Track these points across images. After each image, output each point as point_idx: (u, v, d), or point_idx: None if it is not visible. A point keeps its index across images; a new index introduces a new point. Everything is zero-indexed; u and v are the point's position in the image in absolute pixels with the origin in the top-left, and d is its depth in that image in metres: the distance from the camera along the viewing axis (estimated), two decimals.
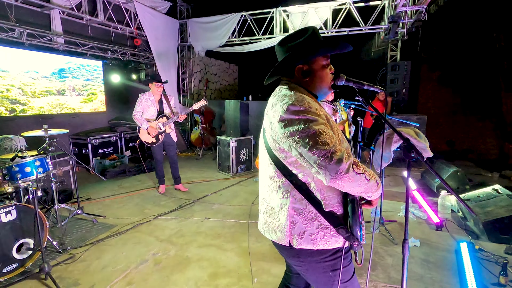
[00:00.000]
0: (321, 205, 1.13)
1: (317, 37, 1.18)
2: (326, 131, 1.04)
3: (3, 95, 4.77)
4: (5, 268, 2.33)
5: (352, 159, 1.02)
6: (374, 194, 1.13)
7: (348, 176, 1.00)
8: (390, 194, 4.38)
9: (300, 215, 1.16)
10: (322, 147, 1.00)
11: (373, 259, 2.65)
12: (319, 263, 1.19)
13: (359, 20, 6.58)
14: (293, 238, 1.16)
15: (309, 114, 1.05)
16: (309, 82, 1.21)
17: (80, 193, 4.43)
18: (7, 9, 4.47)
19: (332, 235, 1.15)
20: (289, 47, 1.19)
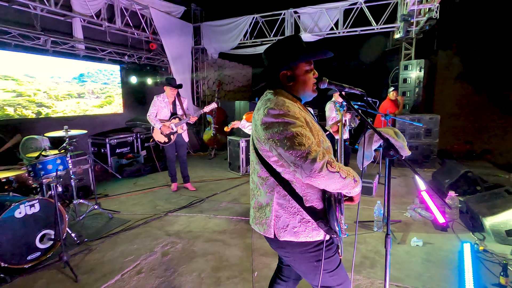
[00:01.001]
0: (302, 200, 1.22)
1: (299, 45, 1.28)
2: (303, 133, 1.12)
3: (30, 99, 5.15)
4: (29, 256, 2.57)
5: (326, 158, 1.09)
6: (352, 191, 1.20)
7: (322, 174, 1.07)
8: (398, 195, 4.36)
9: (284, 210, 1.25)
10: (298, 147, 1.09)
11: (373, 257, 2.69)
12: (303, 254, 1.28)
13: (371, 20, 6.54)
14: (277, 231, 1.26)
15: (287, 117, 1.14)
16: (293, 86, 1.30)
17: (98, 190, 4.71)
18: (33, 19, 4.83)
19: (313, 229, 1.24)
20: (272, 55, 1.30)
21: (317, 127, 1.27)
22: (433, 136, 5.78)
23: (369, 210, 3.74)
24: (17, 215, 2.50)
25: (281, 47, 1.28)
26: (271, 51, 1.31)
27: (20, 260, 2.51)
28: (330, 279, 1.31)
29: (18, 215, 2.50)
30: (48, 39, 4.97)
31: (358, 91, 1.36)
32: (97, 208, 3.72)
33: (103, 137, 5.94)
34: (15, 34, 4.57)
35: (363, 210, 3.79)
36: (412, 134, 5.88)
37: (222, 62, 10.22)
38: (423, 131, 5.81)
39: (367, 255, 2.73)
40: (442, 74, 8.16)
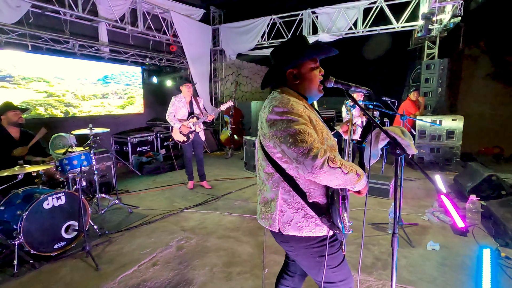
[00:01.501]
0: (306, 196, 1.25)
1: (303, 43, 1.32)
2: (306, 130, 1.15)
3: (60, 99, 5.49)
4: (55, 244, 2.76)
5: (328, 155, 1.11)
6: (356, 185, 1.21)
7: (323, 170, 1.10)
8: (417, 197, 4.24)
9: (288, 205, 1.28)
10: (300, 144, 1.12)
11: (386, 259, 2.65)
12: (307, 249, 1.31)
13: (391, 18, 6.39)
14: (282, 225, 1.29)
15: (291, 115, 1.18)
16: (299, 84, 1.34)
17: (119, 186, 4.94)
18: (63, 24, 5.15)
19: (317, 224, 1.26)
20: (278, 55, 1.35)
21: (322, 125, 1.29)
22: (456, 138, 5.55)
23: (384, 212, 3.67)
24: (45, 206, 2.69)
25: (286, 47, 1.32)
26: (277, 51, 1.36)
27: (48, 248, 2.70)
28: (332, 275, 1.33)
29: (46, 206, 2.70)
30: (76, 43, 5.27)
31: (364, 90, 1.37)
32: (118, 203, 3.91)
33: (125, 136, 6.22)
34: (46, 39, 4.90)
35: (379, 212, 3.73)
36: (433, 135, 5.68)
37: (240, 63, 10.35)
38: (445, 133, 5.60)
39: (379, 257, 2.69)
40: (468, 74, 7.81)
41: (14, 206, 2.69)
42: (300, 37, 1.33)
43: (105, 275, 2.49)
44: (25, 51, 4.67)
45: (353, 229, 3.22)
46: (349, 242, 2.98)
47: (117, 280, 2.42)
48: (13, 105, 3.26)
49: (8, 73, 4.73)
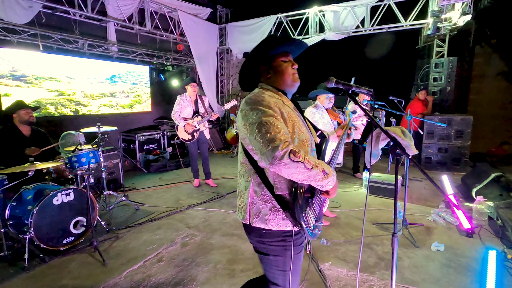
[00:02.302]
0: (273, 188, 1.25)
1: (273, 40, 1.32)
2: (272, 122, 1.16)
3: (70, 98, 5.60)
4: (64, 239, 2.84)
5: (290, 148, 1.10)
6: (322, 183, 1.17)
7: (283, 162, 1.09)
8: (423, 198, 4.20)
9: (258, 197, 1.28)
10: (264, 135, 1.13)
11: (389, 259, 2.64)
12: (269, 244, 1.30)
13: (399, 16, 6.30)
14: (251, 217, 1.30)
15: (260, 106, 1.20)
16: (273, 78, 1.36)
17: (126, 183, 5.03)
18: (73, 24, 5.25)
19: (283, 218, 1.25)
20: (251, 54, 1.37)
21: (295, 119, 1.29)
22: (465, 138, 5.47)
23: (389, 212, 3.66)
24: (55, 202, 2.77)
25: (258, 46, 1.34)
26: (251, 52, 1.37)
27: (57, 243, 2.78)
28: (279, 277, 1.32)
29: (55, 202, 2.78)
30: (85, 42, 5.37)
31: (365, 90, 1.37)
32: (125, 200, 3.99)
33: (133, 134, 6.31)
34: (57, 39, 5.00)
35: (383, 212, 3.71)
36: (441, 135, 5.61)
37: None
38: (453, 133, 5.51)
39: (383, 257, 2.69)
40: (479, 73, 7.65)
41: (25, 201, 2.78)
42: (270, 36, 1.35)
43: (112, 270, 2.55)
44: (37, 50, 4.78)
45: (358, 229, 3.23)
46: (353, 241, 2.98)
47: (123, 275, 2.48)
48: (24, 104, 3.35)
49: (23, 73, 4.86)
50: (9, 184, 2.78)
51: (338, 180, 3.32)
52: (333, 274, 2.44)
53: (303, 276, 2.41)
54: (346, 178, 5.31)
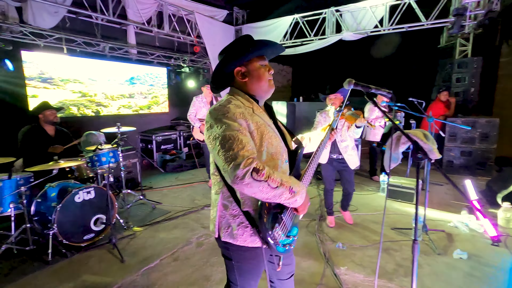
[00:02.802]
0: (240, 204, 1.21)
1: (250, 41, 1.26)
2: (236, 137, 1.09)
3: (91, 99, 5.81)
4: (85, 236, 2.94)
5: (252, 166, 1.03)
6: (290, 202, 1.12)
7: (245, 181, 1.02)
8: (444, 203, 4.04)
9: (227, 211, 1.24)
10: (227, 152, 1.07)
11: (408, 265, 2.56)
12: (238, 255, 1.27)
13: (420, 15, 6.11)
14: (220, 231, 1.26)
15: (225, 119, 1.13)
16: (248, 82, 1.28)
17: (144, 182, 5.14)
18: (95, 28, 5.44)
19: (251, 234, 1.21)
20: (225, 53, 1.29)
21: (266, 131, 1.22)
22: (490, 141, 5.22)
23: (408, 217, 3.55)
24: (77, 199, 2.88)
25: (233, 46, 1.27)
26: (225, 51, 1.29)
27: (78, 239, 2.88)
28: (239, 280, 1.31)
29: (77, 200, 2.88)
30: (107, 45, 5.55)
31: (385, 92, 1.34)
32: (142, 199, 4.08)
33: (150, 134, 6.46)
34: (80, 42, 5.20)
35: (402, 216, 3.60)
36: (464, 138, 5.38)
37: None
38: (478, 135, 5.28)
39: (401, 263, 2.61)
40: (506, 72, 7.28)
41: (49, 198, 2.90)
42: (246, 36, 1.29)
43: (129, 267, 2.62)
44: (61, 53, 4.98)
45: (376, 233, 3.15)
46: (370, 246, 2.91)
47: (140, 272, 2.54)
48: (49, 104, 3.50)
49: (50, 75, 5.11)
50: (35, 182, 2.91)
51: (355, 182, 3.25)
52: (349, 279, 2.39)
53: (318, 280, 2.38)
54: (363, 181, 5.20)
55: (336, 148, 3.07)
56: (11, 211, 2.78)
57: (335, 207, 3.57)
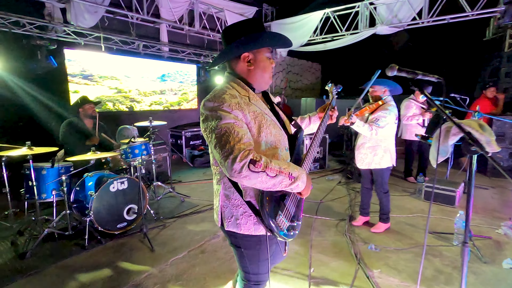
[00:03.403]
0: (242, 194, 1.21)
1: (262, 29, 1.23)
2: (231, 129, 1.07)
3: (126, 95, 6.07)
4: (118, 224, 3.06)
5: (249, 158, 1.02)
6: (292, 187, 1.12)
7: (243, 174, 1.03)
8: (490, 208, 3.70)
9: (229, 201, 1.25)
10: (223, 146, 1.06)
11: (450, 272, 2.36)
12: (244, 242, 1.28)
13: (464, 5, 5.65)
14: (224, 221, 1.28)
15: (220, 111, 1.10)
16: (253, 71, 1.25)
17: (173, 176, 5.27)
18: (130, 26, 5.67)
19: (255, 223, 1.23)
20: (234, 36, 1.20)
21: (264, 120, 1.21)
22: None
23: (448, 221, 3.29)
24: (111, 189, 3.00)
25: (244, 29, 1.19)
26: (234, 31, 1.21)
27: (112, 227, 3.01)
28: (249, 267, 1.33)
29: (112, 189, 3.00)
30: (141, 43, 5.76)
31: (433, 78, 1.22)
32: (171, 191, 4.18)
33: (180, 130, 6.62)
34: (116, 40, 5.45)
35: (441, 220, 3.35)
36: None
37: (290, 60, 10.23)
38: None
39: (442, 270, 2.41)
40: None
41: (87, 187, 3.06)
42: (258, 20, 1.23)
43: (159, 257, 2.67)
44: (99, 51, 5.25)
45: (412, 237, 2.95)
46: (405, 249, 2.73)
47: (169, 262, 2.58)
48: (89, 99, 3.68)
49: (90, 72, 5.43)
50: (74, 171, 3.08)
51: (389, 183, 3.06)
52: (383, 283, 2.25)
53: (349, 281, 2.27)
54: (397, 181, 4.92)
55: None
56: (53, 198, 2.97)
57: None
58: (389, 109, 2.79)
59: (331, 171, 5.75)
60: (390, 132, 2.91)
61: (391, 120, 2.80)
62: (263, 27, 1.25)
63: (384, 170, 2.98)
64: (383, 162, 2.93)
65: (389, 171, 3.04)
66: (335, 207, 3.88)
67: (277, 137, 1.25)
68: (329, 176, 5.33)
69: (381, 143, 2.92)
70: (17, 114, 4.50)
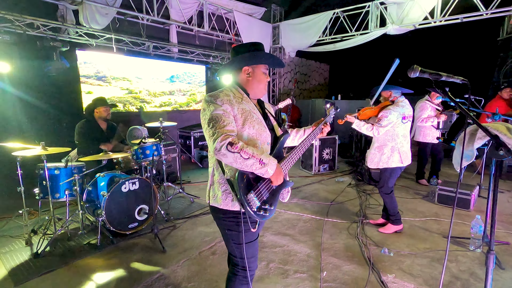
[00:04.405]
0: (224, 173, 1.42)
1: (263, 50, 1.54)
2: (220, 117, 1.33)
3: (137, 96, 6.12)
4: (130, 224, 3.08)
5: (228, 140, 1.25)
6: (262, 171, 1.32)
7: (222, 153, 1.26)
8: (507, 213, 3.61)
9: (216, 180, 1.47)
10: (211, 129, 1.31)
11: (466, 279, 2.30)
12: (223, 220, 1.49)
13: (478, 4, 5.53)
14: (210, 198, 1.50)
15: (213, 103, 1.38)
16: (250, 81, 1.53)
17: (182, 176, 5.29)
18: (141, 28, 5.72)
19: (232, 199, 1.42)
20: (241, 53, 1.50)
21: (250, 117, 1.44)
22: None
23: (463, 226, 3.21)
24: (123, 189, 3.01)
25: (248, 48, 1.50)
26: (240, 49, 1.51)
27: (124, 227, 3.03)
28: (235, 250, 1.51)
29: (123, 190, 3.02)
30: (151, 44, 5.80)
31: (459, 79, 1.18)
32: (181, 192, 4.19)
33: (189, 131, 6.64)
34: (127, 41, 5.50)
35: (456, 224, 3.27)
36: None
37: (298, 60, 10.19)
38: None
39: (458, 276, 2.35)
40: None
41: (99, 187, 3.08)
42: (260, 44, 1.54)
43: (170, 257, 2.68)
44: (111, 52, 5.31)
45: (426, 241, 2.90)
46: (419, 254, 2.67)
47: (180, 263, 2.58)
48: (105, 101, 3.69)
49: (104, 74, 5.52)
50: (87, 171, 3.11)
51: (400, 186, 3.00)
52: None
53: (362, 286, 2.23)
54: (408, 184, 4.84)
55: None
56: (66, 198, 2.99)
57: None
58: (392, 109, 2.79)
59: (341, 173, 5.69)
60: (398, 132, 2.87)
61: (394, 119, 2.81)
62: (264, 49, 1.55)
63: (391, 170, 2.94)
64: (390, 161, 2.90)
65: (398, 172, 2.99)
66: (346, 209, 3.83)
67: (259, 131, 1.47)
68: (339, 178, 5.28)
69: (388, 143, 2.90)
70: (30, 114, 4.58)
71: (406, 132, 2.94)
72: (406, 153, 2.93)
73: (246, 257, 1.49)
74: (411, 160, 2.99)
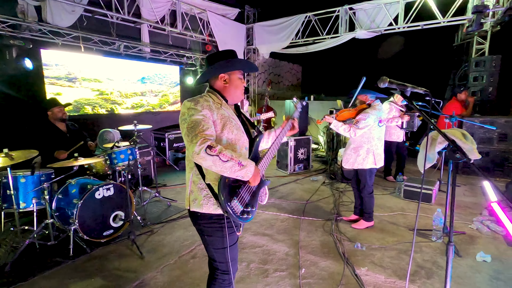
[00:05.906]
0: (205, 178, 1.44)
1: (236, 57, 1.58)
2: (199, 121, 1.35)
3: (107, 97, 5.87)
4: (104, 232, 2.98)
5: (207, 144, 1.26)
6: (241, 174, 1.33)
7: (201, 156, 1.26)
8: (463, 205, 3.97)
9: (196, 186, 1.47)
10: (190, 133, 1.32)
11: (430, 267, 2.52)
12: (204, 226, 1.50)
13: (437, 13, 6.00)
14: (190, 203, 1.49)
15: (193, 109, 1.39)
16: (227, 87, 1.56)
17: (158, 179, 5.18)
18: (111, 26, 5.50)
19: (214, 203, 1.44)
20: (215, 61, 1.53)
21: (229, 122, 1.47)
22: (510, 141, 5.10)
23: (426, 219, 3.49)
24: (97, 196, 2.91)
25: (223, 57, 1.53)
26: (215, 58, 1.53)
27: (98, 235, 2.92)
28: (215, 254, 1.53)
29: (97, 196, 2.92)
30: (121, 44, 5.60)
31: (422, 90, 1.31)
32: (157, 196, 4.12)
33: (163, 132, 6.50)
34: (96, 40, 5.26)
35: (420, 218, 3.55)
36: (482, 138, 5.27)
37: (272, 61, 10.33)
38: (496, 136, 5.16)
39: (422, 265, 2.57)
40: None
41: (70, 195, 2.94)
42: (233, 51, 1.58)
43: (149, 264, 2.64)
44: (78, 52, 5.05)
45: (394, 234, 3.11)
46: (388, 247, 2.87)
47: (160, 269, 2.56)
48: (57, 101, 3.51)
49: (75, 76, 5.27)
50: (56, 178, 2.96)
51: None
52: (370, 280, 2.37)
53: (338, 280, 2.36)
54: (377, 181, 5.13)
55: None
56: (34, 207, 2.83)
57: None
58: (370, 112, 2.93)
59: (315, 172, 5.90)
60: (374, 135, 3.05)
61: (371, 122, 2.95)
62: (237, 56, 1.60)
63: (367, 171, 3.12)
64: (365, 162, 3.07)
65: (373, 173, 3.18)
66: (321, 207, 4.00)
67: (238, 136, 1.50)
68: (313, 177, 5.46)
69: (364, 145, 3.07)
70: None
71: (381, 135, 3.13)
72: (380, 155, 3.12)
73: (229, 260, 1.51)
74: (383, 162, 3.20)
